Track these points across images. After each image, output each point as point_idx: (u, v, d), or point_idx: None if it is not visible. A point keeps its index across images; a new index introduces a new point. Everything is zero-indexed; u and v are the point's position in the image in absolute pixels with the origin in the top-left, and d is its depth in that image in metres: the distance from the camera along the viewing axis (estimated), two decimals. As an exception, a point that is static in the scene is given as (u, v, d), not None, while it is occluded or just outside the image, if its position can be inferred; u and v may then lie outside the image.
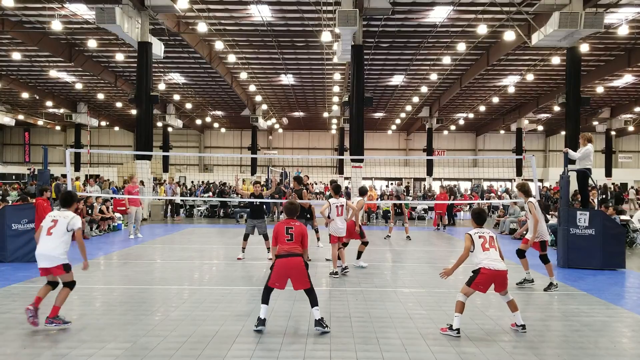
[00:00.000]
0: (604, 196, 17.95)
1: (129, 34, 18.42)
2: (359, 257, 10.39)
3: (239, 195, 12.93)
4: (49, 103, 38.64)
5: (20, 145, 53.19)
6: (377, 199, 22.07)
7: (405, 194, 29.32)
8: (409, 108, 40.36)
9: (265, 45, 25.61)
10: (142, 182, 19.22)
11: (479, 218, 6.42)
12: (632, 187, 39.87)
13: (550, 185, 32.55)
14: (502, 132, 49.84)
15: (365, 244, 10.21)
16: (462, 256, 6.15)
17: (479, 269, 6.01)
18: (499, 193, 33.23)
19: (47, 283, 6.23)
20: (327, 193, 14.01)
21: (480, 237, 6.18)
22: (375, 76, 31.45)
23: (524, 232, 9.02)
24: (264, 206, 11.87)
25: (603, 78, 29.20)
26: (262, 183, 12.59)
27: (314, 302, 5.93)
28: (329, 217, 9.32)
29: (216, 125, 50.60)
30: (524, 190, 8.57)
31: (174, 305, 7.08)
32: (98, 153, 52.47)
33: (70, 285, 6.31)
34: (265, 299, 6.01)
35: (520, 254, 8.67)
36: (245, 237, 11.15)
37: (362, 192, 11.24)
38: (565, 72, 21.08)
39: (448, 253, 13.05)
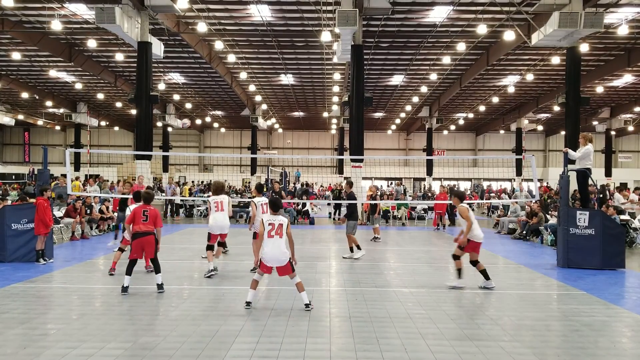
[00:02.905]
0: (600, 195, 17.94)
1: (128, 34, 18.41)
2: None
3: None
4: (48, 103, 38.65)
5: (20, 145, 53.22)
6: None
7: (404, 194, 29.33)
8: (408, 108, 40.36)
9: (265, 45, 25.61)
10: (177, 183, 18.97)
11: (273, 205, 7.11)
12: None
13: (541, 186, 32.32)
14: (502, 132, 49.87)
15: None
16: (257, 242, 7.12)
17: (260, 260, 6.85)
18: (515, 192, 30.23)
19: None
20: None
21: (269, 224, 6.80)
22: (375, 76, 31.45)
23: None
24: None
25: (603, 78, 29.21)
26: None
27: (157, 270, 7.79)
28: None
29: (216, 125, 50.61)
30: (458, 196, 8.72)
31: (173, 305, 7.08)
32: (98, 153, 52.47)
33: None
34: (129, 272, 7.64)
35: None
36: None
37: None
38: (565, 72, 21.07)
39: (448, 253, 13.04)
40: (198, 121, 47.29)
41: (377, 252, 12.53)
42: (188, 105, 40.70)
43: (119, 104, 40.00)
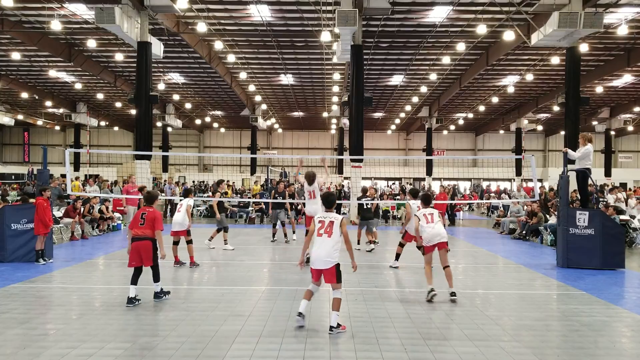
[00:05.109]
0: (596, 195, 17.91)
1: (128, 34, 18.41)
2: None
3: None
4: (48, 103, 38.64)
5: (20, 145, 53.18)
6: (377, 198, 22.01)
7: (404, 193, 29.31)
8: (408, 108, 40.37)
9: (265, 45, 25.61)
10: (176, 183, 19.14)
11: (326, 201, 6.34)
12: None
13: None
14: (501, 132, 49.86)
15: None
16: (306, 240, 6.56)
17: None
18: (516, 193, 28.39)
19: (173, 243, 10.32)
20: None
21: (320, 221, 6.08)
22: (374, 76, 31.45)
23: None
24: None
25: (602, 78, 29.22)
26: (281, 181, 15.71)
27: (155, 279, 7.24)
28: None
29: (216, 125, 50.60)
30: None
31: (173, 305, 7.08)
32: (97, 153, 52.46)
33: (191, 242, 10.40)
34: (134, 281, 7.13)
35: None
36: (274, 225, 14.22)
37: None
38: (564, 72, 21.09)
39: (448, 253, 13.01)
40: (198, 121, 47.29)
41: (377, 252, 12.53)
42: (188, 105, 40.70)
43: (118, 104, 39.99)
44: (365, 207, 13.03)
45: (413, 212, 9.44)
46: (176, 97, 37.85)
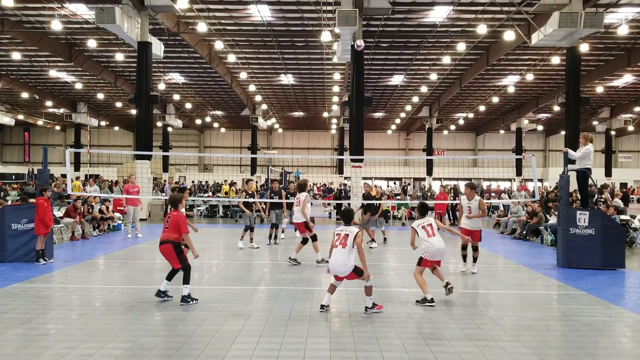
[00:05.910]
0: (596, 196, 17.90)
1: (128, 34, 18.42)
2: None
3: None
4: (48, 103, 38.65)
5: (20, 145, 53.20)
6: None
7: (404, 193, 29.32)
8: (408, 108, 40.36)
9: (265, 45, 25.62)
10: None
11: (345, 217, 7.01)
12: None
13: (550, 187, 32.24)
14: (502, 132, 49.87)
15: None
16: (330, 248, 6.91)
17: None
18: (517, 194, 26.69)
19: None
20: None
21: (336, 234, 6.82)
22: (375, 76, 31.45)
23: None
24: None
25: (603, 78, 29.22)
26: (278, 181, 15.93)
27: (184, 281, 7.11)
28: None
29: (216, 125, 50.60)
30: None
31: (173, 305, 7.08)
32: (98, 153, 52.47)
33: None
34: (169, 277, 7.28)
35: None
36: (272, 226, 14.08)
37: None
38: (565, 72, 21.09)
39: (447, 253, 13.02)
40: (198, 121, 47.30)
41: (377, 252, 12.54)
42: (188, 105, 40.71)
43: (119, 104, 40.01)
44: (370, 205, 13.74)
45: (465, 206, 9.83)
46: (176, 97, 37.85)
